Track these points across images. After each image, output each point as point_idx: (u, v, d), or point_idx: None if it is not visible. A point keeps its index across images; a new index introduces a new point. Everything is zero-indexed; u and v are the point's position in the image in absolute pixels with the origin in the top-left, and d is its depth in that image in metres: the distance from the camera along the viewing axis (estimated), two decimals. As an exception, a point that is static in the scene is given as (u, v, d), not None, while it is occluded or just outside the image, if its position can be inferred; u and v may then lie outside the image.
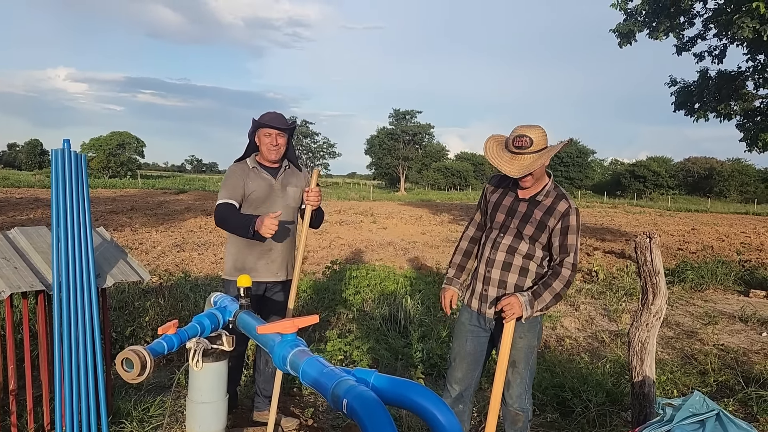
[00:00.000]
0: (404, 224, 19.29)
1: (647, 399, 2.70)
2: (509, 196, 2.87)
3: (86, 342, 3.05)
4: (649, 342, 2.71)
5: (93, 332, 3.08)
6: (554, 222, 2.72)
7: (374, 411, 1.41)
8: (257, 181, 3.33)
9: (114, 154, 59.90)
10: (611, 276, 9.34)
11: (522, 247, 2.79)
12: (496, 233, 2.86)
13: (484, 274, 2.87)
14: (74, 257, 3.01)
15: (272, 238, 3.18)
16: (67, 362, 2.98)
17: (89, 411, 3.06)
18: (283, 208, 3.35)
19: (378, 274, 7.73)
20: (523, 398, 2.90)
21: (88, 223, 3.10)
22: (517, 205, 2.82)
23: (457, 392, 3.02)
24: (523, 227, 2.77)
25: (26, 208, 17.92)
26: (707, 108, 12.13)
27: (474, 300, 2.92)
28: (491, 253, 2.85)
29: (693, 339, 5.85)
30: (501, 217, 2.86)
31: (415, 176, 68.90)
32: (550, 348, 5.38)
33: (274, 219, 2.93)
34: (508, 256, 2.81)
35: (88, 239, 3.08)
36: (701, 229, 21.54)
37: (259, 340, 2.05)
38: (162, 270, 8.55)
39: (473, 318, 2.94)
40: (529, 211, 2.77)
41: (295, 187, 3.45)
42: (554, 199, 2.76)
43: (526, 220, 2.77)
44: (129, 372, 1.96)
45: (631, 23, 11.67)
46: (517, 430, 2.93)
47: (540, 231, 2.74)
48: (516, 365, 2.85)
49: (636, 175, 61.10)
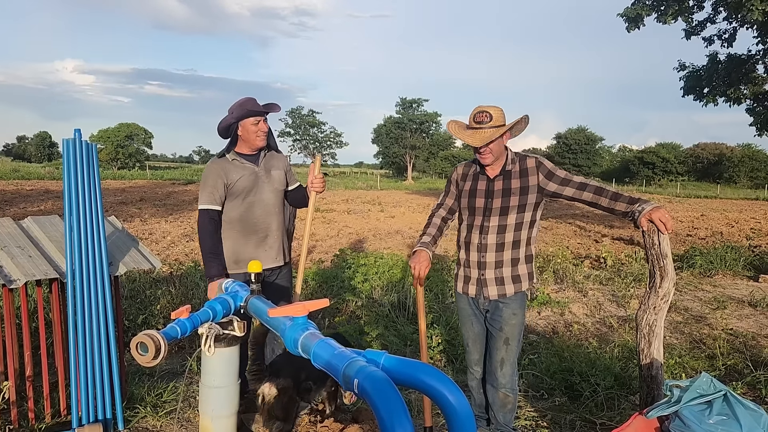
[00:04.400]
0: (412, 213, 19.30)
1: (655, 381, 2.72)
2: (481, 180, 2.96)
3: (100, 329, 3.10)
4: (657, 325, 2.72)
5: (106, 319, 3.13)
6: (535, 179, 2.85)
7: (385, 390, 1.44)
8: (240, 171, 3.29)
9: (122, 146, 60.08)
10: (619, 262, 9.32)
11: (510, 221, 2.87)
12: (481, 219, 2.93)
13: (479, 260, 2.95)
14: (87, 245, 3.06)
15: (266, 224, 3.32)
16: (81, 349, 3.03)
17: (104, 397, 3.12)
18: (271, 192, 3.38)
19: (386, 261, 7.75)
20: (514, 379, 3.03)
21: (100, 211, 3.14)
22: (492, 185, 2.91)
23: (480, 373, 3.17)
24: (507, 201, 2.86)
25: (37, 200, 18.07)
26: (717, 92, 12.04)
27: (471, 286, 3.02)
28: (481, 238, 2.93)
29: (702, 324, 5.85)
30: (481, 201, 2.94)
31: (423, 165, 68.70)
32: (559, 333, 5.40)
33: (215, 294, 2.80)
34: (499, 236, 2.90)
35: (101, 228, 3.13)
36: (710, 215, 21.41)
37: (270, 323, 2.08)
38: (172, 259, 8.62)
39: (472, 303, 3.07)
40: (506, 185, 2.88)
41: (278, 170, 3.44)
42: (520, 161, 2.90)
43: (508, 194, 2.87)
44: (144, 356, 1.99)
45: (639, 7, 11.57)
46: (506, 413, 3.03)
47: (524, 194, 2.85)
48: (509, 342, 2.96)
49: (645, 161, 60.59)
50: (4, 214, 13.88)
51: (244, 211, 3.30)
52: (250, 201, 3.31)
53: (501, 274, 2.92)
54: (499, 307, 2.95)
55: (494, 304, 2.96)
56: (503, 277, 2.91)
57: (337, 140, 70.93)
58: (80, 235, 3.04)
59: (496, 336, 2.99)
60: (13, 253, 3.10)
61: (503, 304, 2.94)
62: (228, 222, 3.30)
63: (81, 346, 3.03)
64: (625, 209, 2.63)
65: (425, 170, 69.36)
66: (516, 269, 2.92)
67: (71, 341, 3.03)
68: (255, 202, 3.33)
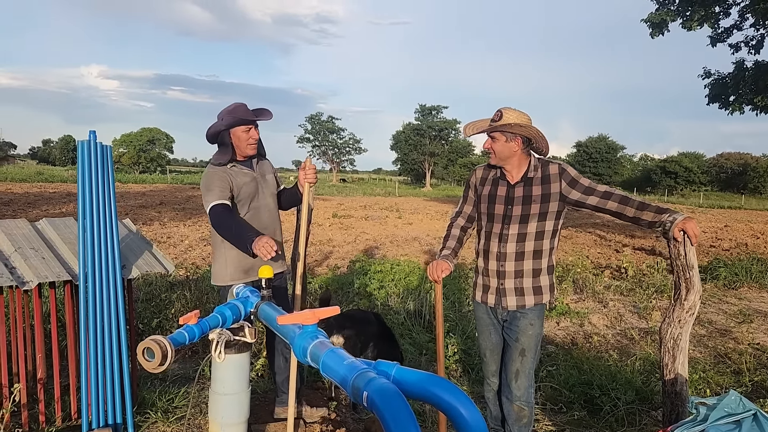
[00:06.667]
0: (430, 220, 19.21)
1: (679, 398, 2.61)
2: (501, 185, 2.86)
3: (111, 332, 3.07)
4: (682, 338, 2.62)
5: (118, 323, 3.10)
6: (557, 186, 2.75)
7: (395, 404, 1.37)
8: (242, 178, 3.22)
9: (144, 150, 60.89)
10: (641, 273, 9.13)
11: (531, 229, 2.77)
12: (500, 226, 2.84)
13: (497, 269, 2.86)
14: (100, 248, 3.04)
15: (272, 229, 3.30)
16: (93, 352, 3.01)
17: (114, 401, 3.09)
18: (271, 197, 3.37)
19: (403, 269, 7.68)
20: (530, 391, 2.93)
21: (114, 214, 3.12)
22: (512, 191, 2.82)
23: (497, 384, 3.08)
24: (528, 209, 2.77)
25: (59, 202, 18.33)
26: (743, 100, 11.78)
27: (490, 296, 2.92)
28: (500, 246, 2.83)
29: (726, 337, 5.68)
30: (500, 208, 2.84)
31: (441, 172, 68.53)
32: (578, 345, 5.27)
33: (272, 242, 2.79)
34: (518, 245, 2.80)
35: (114, 230, 3.11)
36: (735, 225, 20.97)
37: (280, 330, 2.03)
38: (189, 263, 8.64)
39: (490, 313, 2.98)
40: (527, 191, 2.78)
41: (270, 174, 3.43)
42: (543, 168, 2.80)
43: (529, 201, 2.77)
44: (150, 361, 1.95)
45: (664, 12, 11.38)
46: (521, 426, 2.94)
47: (546, 202, 2.76)
48: (525, 354, 2.87)
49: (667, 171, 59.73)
50: (27, 215, 14.08)
51: (250, 218, 3.24)
52: (256, 206, 3.27)
53: (521, 284, 2.83)
54: (517, 317, 2.87)
55: (512, 314, 2.88)
56: (523, 288, 2.82)
57: (356, 146, 71.16)
58: (93, 237, 3.02)
59: (512, 347, 2.91)
60: (27, 254, 3.10)
61: (521, 315, 2.85)
62: None
63: (92, 350, 3.01)
64: (653, 219, 2.54)
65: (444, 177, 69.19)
66: (537, 280, 2.83)
67: (83, 344, 3.01)
68: (260, 208, 3.29)
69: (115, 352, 3.09)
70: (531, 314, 2.84)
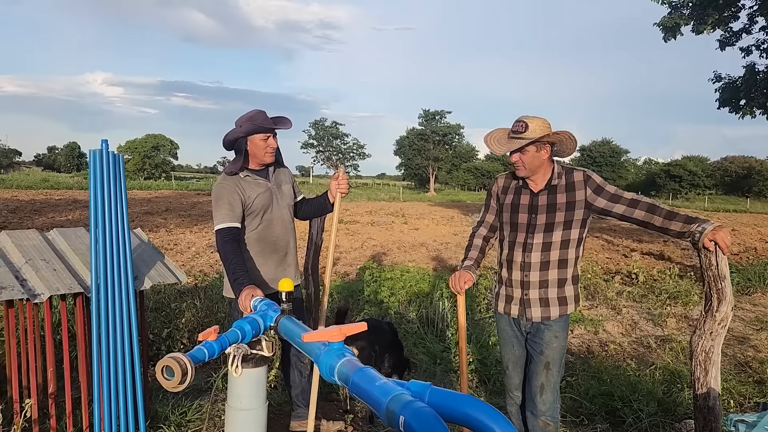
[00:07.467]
0: (436, 225, 19.12)
1: (712, 413, 2.53)
2: (524, 194, 2.79)
3: (124, 345, 3.00)
4: (714, 351, 2.53)
5: (131, 335, 3.03)
6: (582, 193, 2.67)
7: (435, 429, 1.30)
8: (256, 189, 3.12)
9: (149, 156, 60.99)
10: (652, 278, 9.04)
11: (555, 238, 2.70)
12: (524, 235, 2.76)
13: (522, 280, 2.79)
14: (112, 259, 2.97)
15: (285, 241, 3.23)
16: (105, 365, 2.94)
17: (127, 414, 3.02)
18: (286, 207, 3.26)
19: (412, 275, 7.61)
20: (555, 406, 2.85)
21: (126, 224, 3.05)
22: (536, 200, 2.74)
23: (521, 398, 3.00)
24: (553, 217, 2.69)
25: (65, 210, 18.30)
26: (754, 104, 11.66)
27: (513, 307, 2.85)
28: (525, 256, 2.76)
29: (745, 345, 5.58)
30: (524, 217, 2.76)
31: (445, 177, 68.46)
32: (594, 353, 5.18)
33: (248, 301, 2.55)
34: (543, 254, 2.72)
35: (126, 241, 3.04)
36: (741, 229, 20.82)
37: (303, 348, 1.95)
38: (197, 271, 8.58)
39: (513, 324, 2.91)
40: (551, 199, 2.71)
41: (287, 184, 3.31)
42: (567, 175, 2.72)
43: (553, 209, 2.69)
44: (169, 380, 1.87)
45: (677, 16, 11.27)
46: None
47: (571, 210, 2.68)
48: (550, 367, 2.80)
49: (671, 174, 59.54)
50: (33, 222, 14.05)
51: (263, 229, 3.14)
52: (269, 218, 3.16)
53: (546, 295, 2.75)
54: (541, 329, 2.79)
55: (536, 326, 2.80)
56: (548, 298, 2.75)
57: (359, 152, 71.22)
58: (105, 248, 2.95)
59: (536, 360, 2.82)
60: (38, 266, 3.03)
61: (545, 326, 2.77)
62: (245, 243, 3.13)
63: (105, 363, 2.94)
64: (682, 229, 2.45)
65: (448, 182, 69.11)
66: (563, 290, 2.75)
67: (95, 357, 2.94)
68: (273, 219, 3.18)
69: (128, 365, 3.02)
70: (556, 326, 2.76)
